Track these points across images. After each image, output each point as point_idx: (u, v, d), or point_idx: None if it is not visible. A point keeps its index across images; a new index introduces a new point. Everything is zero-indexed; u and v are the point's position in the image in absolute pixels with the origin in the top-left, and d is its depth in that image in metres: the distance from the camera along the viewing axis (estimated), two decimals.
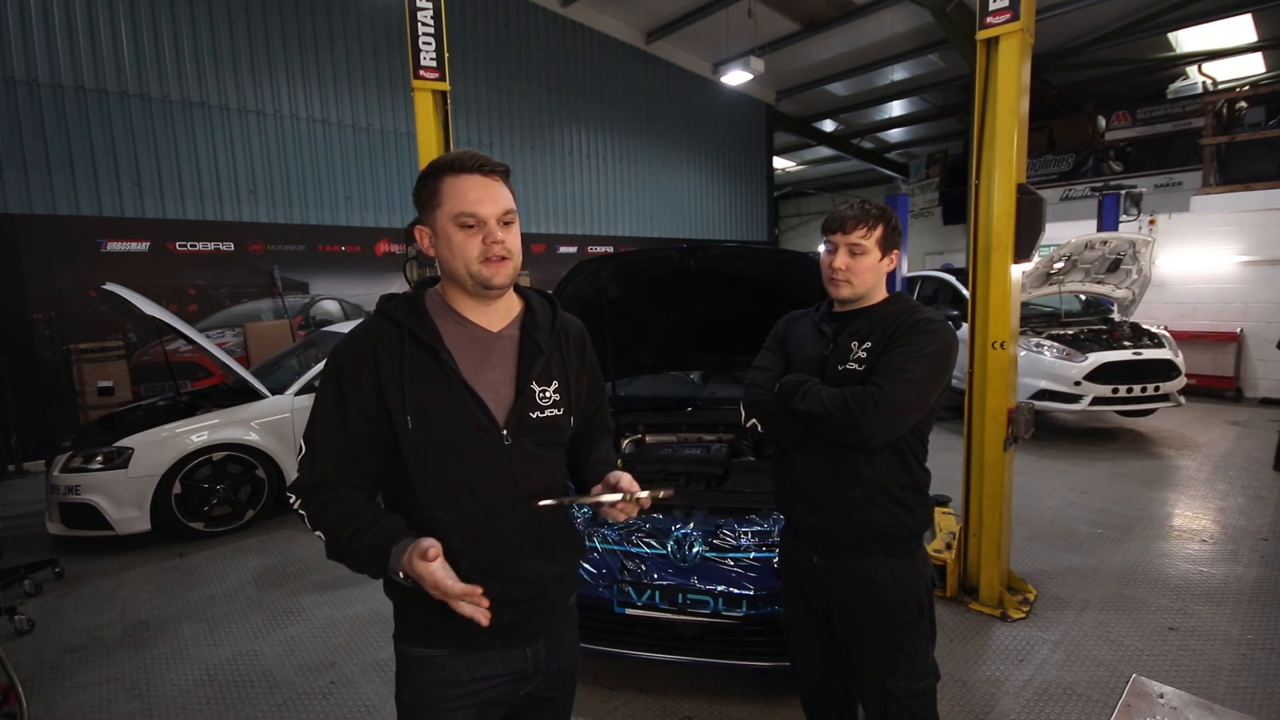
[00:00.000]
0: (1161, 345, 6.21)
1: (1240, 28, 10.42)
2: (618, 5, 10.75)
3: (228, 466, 4.46)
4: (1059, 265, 6.31)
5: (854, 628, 1.63)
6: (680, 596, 2.33)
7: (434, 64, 3.69)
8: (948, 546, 3.42)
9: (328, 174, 8.29)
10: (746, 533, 2.48)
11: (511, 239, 1.19)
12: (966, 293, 3.30)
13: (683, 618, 2.34)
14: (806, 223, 22.27)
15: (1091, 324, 6.83)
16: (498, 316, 1.26)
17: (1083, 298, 7.39)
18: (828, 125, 16.58)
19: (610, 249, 11.33)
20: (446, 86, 3.73)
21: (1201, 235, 8.31)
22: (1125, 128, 11.69)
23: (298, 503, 1.18)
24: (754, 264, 3.12)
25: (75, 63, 6.45)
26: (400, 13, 4.44)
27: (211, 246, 7.37)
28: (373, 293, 8.53)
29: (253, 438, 4.48)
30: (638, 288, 3.21)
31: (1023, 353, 6.04)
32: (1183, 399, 6.17)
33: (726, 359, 3.67)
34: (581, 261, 3.05)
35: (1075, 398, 5.98)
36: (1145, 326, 6.58)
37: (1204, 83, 11.41)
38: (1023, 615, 3.16)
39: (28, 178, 6.24)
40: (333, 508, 1.15)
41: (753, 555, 2.40)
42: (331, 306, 8.36)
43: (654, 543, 2.48)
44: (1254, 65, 11.66)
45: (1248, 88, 10.17)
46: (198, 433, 4.33)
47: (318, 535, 1.16)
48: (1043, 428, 6.53)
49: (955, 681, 2.65)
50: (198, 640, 3.17)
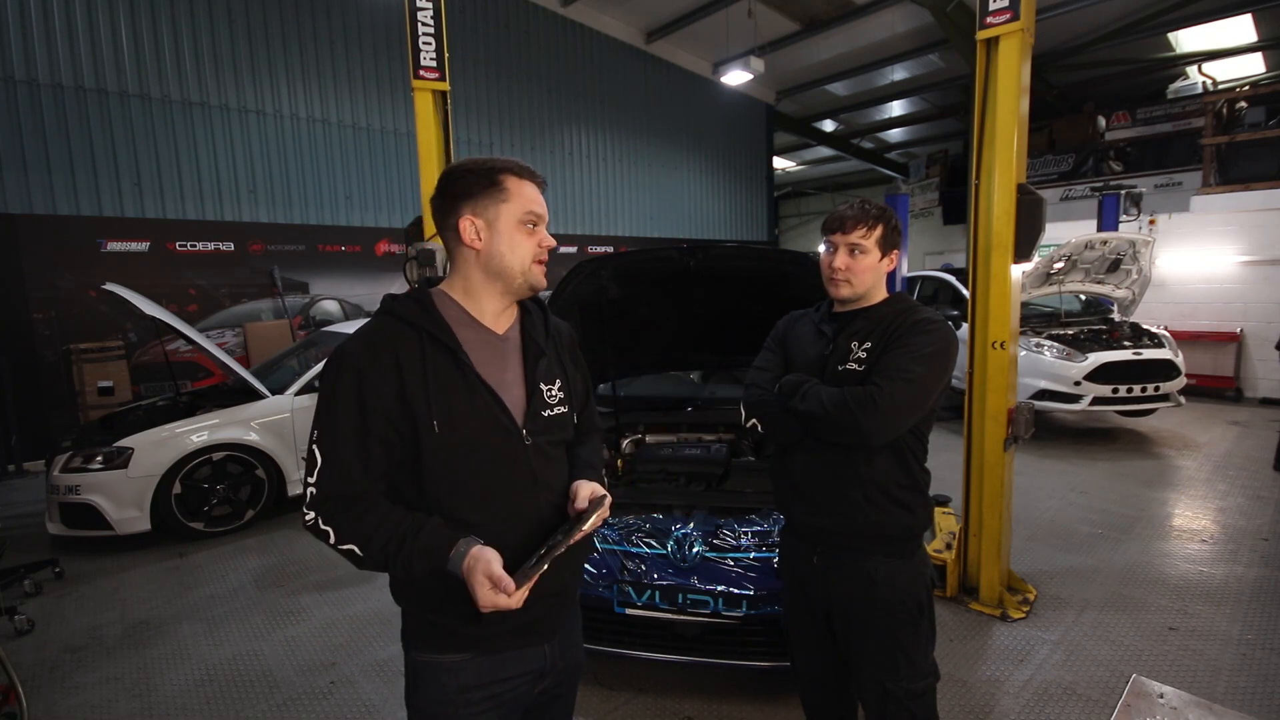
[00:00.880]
0: (1161, 345, 6.21)
1: (1240, 28, 10.41)
2: (618, 5, 10.75)
3: (228, 466, 4.46)
4: (1059, 265, 6.31)
5: (854, 628, 1.63)
6: (680, 596, 2.33)
7: (434, 64, 3.69)
8: (948, 546, 3.42)
9: (327, 174, 8.29)
10: (746, 533, 2.48)
11: None
12: (966, 293, 3.30)
13: (683, 618, 2.34)
14: (806, 223, 22.27)
15: (1091, 324, 6.83)
16: (503, 319, 1.27)
17: (1083, 298, 7.39)
18: (828, 125, 16.57)
19: (610, 249, 11.32)
20: (446, 86, 3.74)
21: (1201, 235, 8.31)
22: (1125, 128, 11.68)
23: (320, 519, 1.11)
24: (754, 264, 3.11)
25: (75, 63, 6.45)
26: (400, 13, 4.44)
27: (211, 246, 7.37)
28: (372, 293, 8.53)
29: (253, 438, 4.47)
30: (638, 288, 3.20)
31: (1023, 353, 6.04)
32: (1183, 399, 6.17)
33: (726, 359, 3.66)
34: (581, 261, 3.04)
35: (1075, 398, 5.98)
36: (1145, 326, 6.58)
37: (1204, 83, 11.39)
38: (1023, 615, 3.16)
39: (28, 178, 6.24)
40: (369, 518, 1.12)
41: (753, 555, 2.40)
42: (331, 306, 8.36)
43: (654, 543, 2.48)
44: (1254, 65, 11.65)
45: (1248, 88, 10.16)
46: (198, 433, 4.32)
47: (347, 549, 1.11)
48: (1043, 428, 6.53)
49: (955, 681, 2.65)
50: (198, 640, 3.17)
